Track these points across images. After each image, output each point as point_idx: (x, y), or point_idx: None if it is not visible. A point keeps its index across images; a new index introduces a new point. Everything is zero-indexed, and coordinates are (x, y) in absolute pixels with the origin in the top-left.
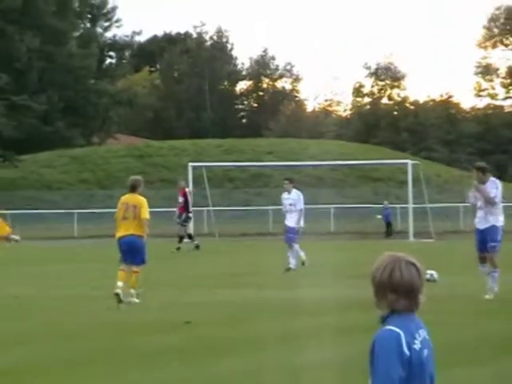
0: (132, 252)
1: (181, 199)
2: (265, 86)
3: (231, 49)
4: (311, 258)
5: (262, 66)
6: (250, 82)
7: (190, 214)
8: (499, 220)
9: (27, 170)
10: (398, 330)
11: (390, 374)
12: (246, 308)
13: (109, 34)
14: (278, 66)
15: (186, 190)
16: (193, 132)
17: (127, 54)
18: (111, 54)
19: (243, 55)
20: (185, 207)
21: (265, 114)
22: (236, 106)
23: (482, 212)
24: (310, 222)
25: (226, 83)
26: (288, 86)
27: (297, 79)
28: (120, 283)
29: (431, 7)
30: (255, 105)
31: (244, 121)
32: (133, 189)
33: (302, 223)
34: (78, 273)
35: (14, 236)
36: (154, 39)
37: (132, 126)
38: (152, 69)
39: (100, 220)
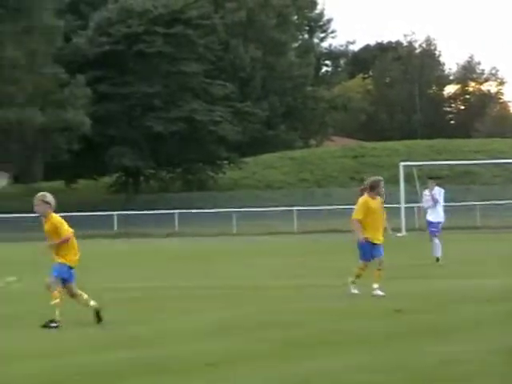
0: None
1: None
2: (471, 89)
3: (439, 55)
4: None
5: (468, 71)
6: (458, 86)
7: None
8: None
9: (250, 171)
10: None
11: None
12: (451, 296)
13: (325, 44)
14: (483, 70)
15: None
16: (403, 133)
17: (342, 62)
18: (327, 62)
19: (451, 61)
20: None
21: (471, 115)
22: (444, 109)
23: None
24: None
25: (434, 87)
26: (493, 89)
27: (501, 82)
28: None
29: None
30: (462, 107)
31: (452, 122)
32: (369, 189)
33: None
34: (298, 265)
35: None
36: (367, 48)
37: (347, 129)
38: (365, 75)
39: (319, 216)
